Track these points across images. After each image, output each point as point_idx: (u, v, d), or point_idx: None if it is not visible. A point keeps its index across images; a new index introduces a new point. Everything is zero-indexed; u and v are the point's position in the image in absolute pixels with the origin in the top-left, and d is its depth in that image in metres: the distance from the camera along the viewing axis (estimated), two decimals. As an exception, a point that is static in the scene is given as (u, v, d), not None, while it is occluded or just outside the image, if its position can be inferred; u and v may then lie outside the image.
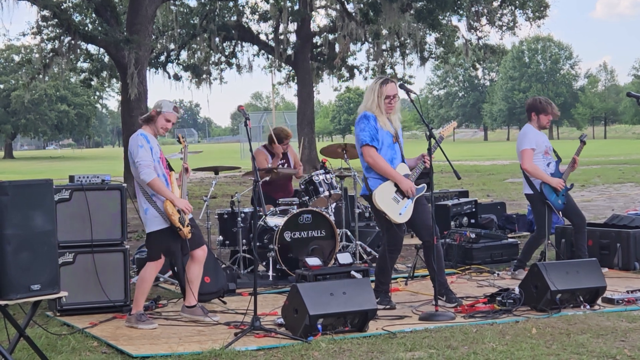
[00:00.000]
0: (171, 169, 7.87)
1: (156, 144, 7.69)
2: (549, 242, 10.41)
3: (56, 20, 24.86)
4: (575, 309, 7.72)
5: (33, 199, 6.00)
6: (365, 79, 38.26)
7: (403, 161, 8.26)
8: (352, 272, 8.96)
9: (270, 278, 9.85)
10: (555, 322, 7.28)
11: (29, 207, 5.95)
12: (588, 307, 7.79)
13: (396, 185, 8.09)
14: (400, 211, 8.08)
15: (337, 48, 34.66)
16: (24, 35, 28.73)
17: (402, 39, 33.02)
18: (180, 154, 8.26)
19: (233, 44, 35.75)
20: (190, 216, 7.80)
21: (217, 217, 10.67)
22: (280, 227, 9.82)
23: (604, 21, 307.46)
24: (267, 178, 10.49)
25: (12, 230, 5.85)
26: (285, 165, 11.05)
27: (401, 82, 8.01)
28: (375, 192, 8.07)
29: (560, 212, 9.72)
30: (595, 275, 8.00)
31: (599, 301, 7.96)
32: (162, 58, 33.53)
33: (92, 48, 29.42)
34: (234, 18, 33.48)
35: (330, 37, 35.30)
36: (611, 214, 12.86)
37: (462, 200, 13.88)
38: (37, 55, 28.76)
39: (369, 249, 10.98)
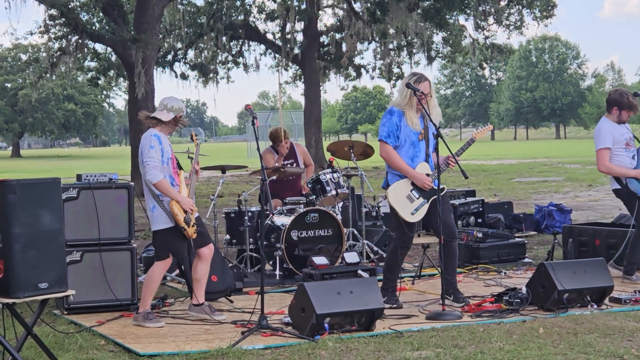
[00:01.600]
0: (180, 168, 7.87)
1: (168, 143, 7.69)
2: (556, 241, 10.40)
3: (64, 19, 24.93)
4: (583, 309, 7.70)
5: (41, 197, 6.01)
6: (372, 78, 38.41)
7: (428, 160, 8.20)
8: (359, 272, 8.96)
9: (277, 277, 9.85)
10: (563, 321, 7.27)
11: (36, 205, 5.95)
12: (595, 306, 7.77)
13: (413, 183, 8.08)
14: (412, 210, 8.06)
15: (344, 47, 34.69)
16: (31, 34, 29.02)
17: (409, 38, 33.02)
18: (191, 152, 8.24)
19: (240, 43, 35.79)
20: (197, 215, 7.80)
21: (224, 215, 10.68)
22: (287, 226, 9.82)
23: (611, 20, 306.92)
24: (274, 177, 10.48)
25: (20, 228, 5.86)
26: (294, 164, 11.04)
27: (408, 81, 7.93)
28: (390, 189, 8.07)
29: None
30: (603, 274, 7.98)
31: (607, 301, 7.94)
32: (169, 57, 33.61)
33: (99, 47, 29.51)
34: (241, 17, 33.52)
35: (337, 36, 35.31)
36: (618, 213, 12.85)
37: (469, 199, 13.88)
38: (44, 54, 28.84)
39: (375, 248, 10.98)
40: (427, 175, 8.11)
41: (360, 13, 30.46)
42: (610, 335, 6.76)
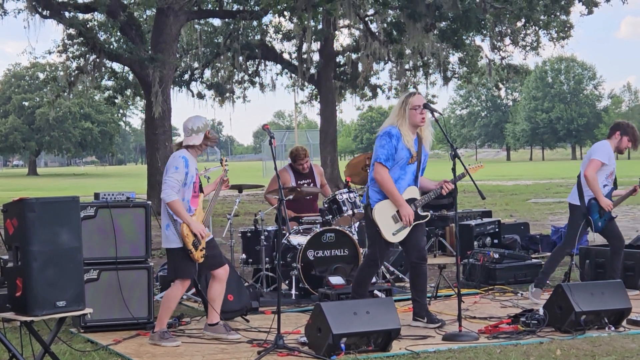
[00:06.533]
0: (201, 191, 7.88)
1: (194, 167, 7.69)
2: (574, 262, 10.36)
3: (82, 38, 25.03)
4: (600, 331, 7.66)
5: (59, 215, 6.05)
6: (388, 98, 38.27)
7: (415, 183, 8.13)
8: (375, 292, 8.94)
9: (293, 296, 9.84)
10: (580, 343, 7.23)
11: (55, 223, 5.99)
12: (613, 328, 7.73)
13: None
14: (394, 231, 8.00)
15: (360, 67, 34.72)
16: (49, 53, 29.25)
17: (426, 58, 33.04)
18: (211, 169, 8.26)
19: (256, 62, 35.87)
20: (211, 236, 7.80)
21: (240, 235, 10.69)
22: (304, 245, 9.82)
23: (628, 41, 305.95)
24: (291, 197, 10.49)
25: (39, 246, 5.90)
26: (311, 184, 11.05)
27: (425, 101, 7.87)
28: (376, 206, 8.00)
29: (595, 232, 9.53)
30: (620, 296, 7.94)
31: (624, 323, 7.90)
32: (186, 76, 33.70)
33: (116, 66, 29.61)
34: (258, 37, 33.59)
35: (354, 56, 35.37)
36: (636, 235, 12.79)
37: (486, 220, 13.85)
38: (62, 73, 28.99)
39: (392, 269, 10.95)
40: (415, 200, 8.06)
41: (377, 33, 30.46)
42: (629, 358, 6.73)
